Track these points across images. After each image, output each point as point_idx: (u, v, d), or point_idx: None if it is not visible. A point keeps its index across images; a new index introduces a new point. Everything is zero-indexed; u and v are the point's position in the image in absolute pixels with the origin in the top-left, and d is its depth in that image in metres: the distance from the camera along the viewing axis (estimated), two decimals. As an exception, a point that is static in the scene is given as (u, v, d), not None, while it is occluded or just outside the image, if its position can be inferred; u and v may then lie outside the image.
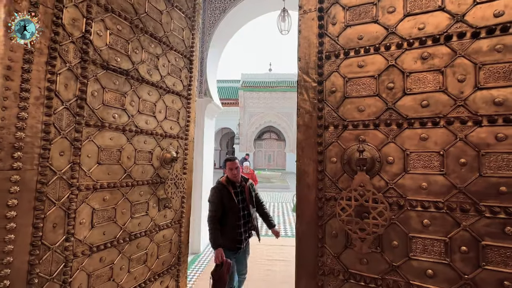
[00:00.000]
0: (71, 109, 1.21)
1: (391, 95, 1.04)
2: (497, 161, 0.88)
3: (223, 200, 2.32)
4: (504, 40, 0.89)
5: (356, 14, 1.12)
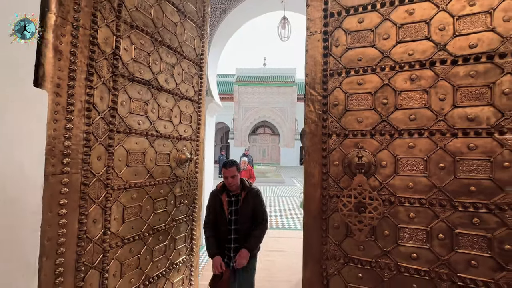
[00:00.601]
0: (105, 118, 1.37)
1: (385, 109, 1.23)
2: (469, 166, 1.09)
3: (215, 208, 2.02)
4: (477, 68, 1.09)
5: (356, 38, 1.30)
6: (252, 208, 1.99)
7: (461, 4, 1.12)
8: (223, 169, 1.96)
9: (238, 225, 1.96)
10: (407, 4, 1.21)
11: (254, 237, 1.96)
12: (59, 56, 1.13)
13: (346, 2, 1.32)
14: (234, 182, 1.95)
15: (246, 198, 2.00)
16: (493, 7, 1.07)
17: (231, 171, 1.94)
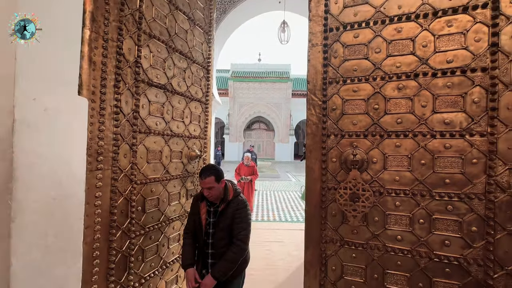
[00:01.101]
0: (130, 120, 1.53)
1: (376, 114, 1.43)
2: (445, 162, 1.30)
3: (194, 215, 1.75)
4: (452, 80, 1.29)
5: (352, 51, 1.49)
6: (230, 223, 1.66)
7: (440, 25, 1.32)
8: (199, 179, 1.67)
9: (214, 240, 1.67)
10: (396, 23, 1.40)
11: (224, 261, 1.60)
12: (93, 66, 1.29)
13: (343, 18, 1.51)
14: (211, 194, 1.64)
15: (225, 211, 1.68)
16: (466, 28, 1.27)
17: (207, 183, 1.61)
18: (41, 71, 0.97)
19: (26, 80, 0.90)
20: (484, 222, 1.23)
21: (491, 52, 1.23)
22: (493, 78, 1.22)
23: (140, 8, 1.57)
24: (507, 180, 1.20)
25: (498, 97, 1.21)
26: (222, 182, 1.69)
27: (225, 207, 1.69)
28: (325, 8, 1.54)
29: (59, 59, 1.07)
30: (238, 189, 1.79)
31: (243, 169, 5.94)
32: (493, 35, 1.22)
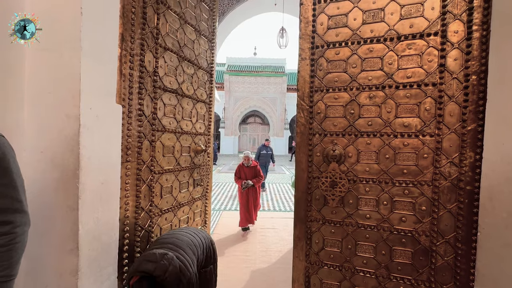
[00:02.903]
0: (150, 121, 1.84)
1: (352, 117, 1.77)
2: (403, 157, 1.66)
3: None
4: (411, 91, 1.63)
5: (334, 66, 1.81)
6: None
7: (403, 47, 1.65)
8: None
9: None
10: (369, 44, 1.72)
11: None
12: (123, 78, 1.59)
13: (327, 38, 1.82)
14: None
15: None
16: (422, 51, 1.61)
17: None
18: (93, 86, 1.26)
19: (85, 94, 1.19)
20: (431, 203, 1.60)
21: (440, 71, 1.57)
22: (440, 91, 1.57)
23: (157, 25, 1.86)
24: (448, 170, 1.56)
25: (444, 106, 1.56)
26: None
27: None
28: (312, 29, 1.86)
29: (103, 75, 1.37)
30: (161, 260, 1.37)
31: (244, 172, 4.79)
32: (441, 57, 1.56)
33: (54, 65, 1.18)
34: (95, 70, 1.28)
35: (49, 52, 1.18)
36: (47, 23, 1.17)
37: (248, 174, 4.79)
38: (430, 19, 1.59)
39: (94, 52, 1.27)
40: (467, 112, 1.51)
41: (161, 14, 1.89)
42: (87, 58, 1.20)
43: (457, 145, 1.54)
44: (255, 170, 4.84)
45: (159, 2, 1.87)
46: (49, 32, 1.17)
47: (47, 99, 1.17)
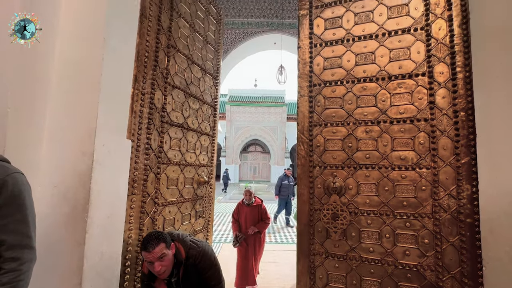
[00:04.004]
0: (156, 154, 1.91)
1: (350, 150, 1.85)
2: (402, 189, 1.70)
3: None
4: (404, 126, 1.73)
5: (331, 102, 1.94)
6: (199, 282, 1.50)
7: (394, 86, 1.78)
8: (144, 253, 1.35)
9: None
10: (362, 83, 1.86)
11: None
12: (134, 115, 1.70)
13: (324, 77, 1.98)
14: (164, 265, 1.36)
15: (187, 274, 1.48)
16: (412, 90, 1.73)
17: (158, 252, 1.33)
18: (107, 124, 1.36)
19: (100, 132, 1.28)
20: (433, 236, 1.60)
21: (430, 107, 1.68)
22: (432, 126, 1.66)
23: (167, 66, 2.03)
24: (447, 203, 1.59)
25: (437, 140, 1.64)
26: (173, 246, 1.46)
27: (185, 270, 1.47)
28: (310, 69, 2.02)
29: (116, 113, 1.48)
30: (187, 241, 1.55)
31: (244, 213, 3.51)
32: (430, 95, 1.69)
33: (74, 105, 1.29)
34: (110, 109, 1.39)
35: (71, 93, 1.30)
36: (72, 67, 1.31)
37: (249, 217, 3.47)
38: (417, 61, 1.74)
39: (110, 92, 1.39)
40: (460, 146, 1.59)
41: (171, 56, 2.07)
42: (104, 98, 1.31)
43: (453, 177, 1.59)
44: (259, 210, 3.52)
45: (169, 46, 2.06)
46: (73, 75, 1.30)
47: (65, 137, 1.26)
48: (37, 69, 1.25)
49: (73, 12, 1.34)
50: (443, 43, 1.68)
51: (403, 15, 1.80)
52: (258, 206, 3.56)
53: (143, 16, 1.77)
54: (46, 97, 1.32)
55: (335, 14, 1.99)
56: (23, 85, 1.22)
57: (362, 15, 1.91)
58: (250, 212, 3.50)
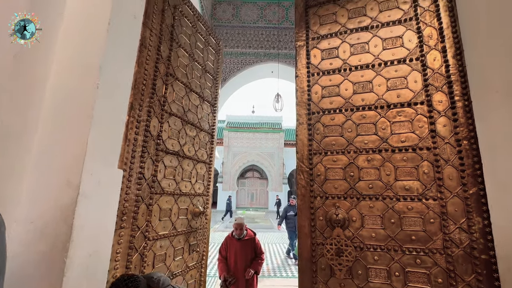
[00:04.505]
0: (149, 183, 1.82)
1: (352, 180, 1.78)
2: (409, 222, 1.60)
3: None
4: (407, 155, 1.68)
5: (330, 130, 1.91)
6: None
7: (393, 114, 1.77)
8: None
9: None
10: (361, 111, 1.85)
11: None
12: (128, 143, 1.63)
13: (322, 105, 1.97)
14: None
15: None
16: (412, 118, 1.72)
17: None
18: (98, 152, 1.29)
19: (89, 161, 1.21)
20: (446, 274, 1.48)
21: (431, 136, 1.65)
22: (435, 155, 1.61)
23: (165, 94, 2.02)
24: (458, 237, 1.49)
25: (442, 170, 1.59)
26: None
27: None
28: (308, 97, 2.02)
29: (109, 141, 1.41)
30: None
31: (234, 248, 3.05)
32: (431, 124, 1.66)
33: (64, 132, 1.23)
34: (102, 137, 1.33)
35: (62, 120, 1.24)
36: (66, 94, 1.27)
37: (240, 253, 2.98)
38: (414, 90, 1.74)
39: (103, 120, 1.34)
40: (466, 176, 1.52)
41: (169, 84, 2.07)
42: (96, 126, 1.26)
43: (462, 209, 1.51)
44: (252, 245, 3.01)
45: (168, 74, 2.06)
46: (66, 102, 1.26)
47: (51, 165, 1.18)
48: (30, 94, 1.20)
49: (71, 40, 1.34)
50: (439, 73, 1.70)
51: (398, 46, 1.85)
52: (251, 240, 3.08)
53: (142, 45, 1.79)
54: (37, 124, 1.27)
55: (331, 45, 2.04)
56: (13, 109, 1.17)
57: (358, 46, 1.95)
58: (241, 248, 3.00)
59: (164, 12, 2.05)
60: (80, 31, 1.33)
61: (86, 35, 1.32)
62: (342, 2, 2.07)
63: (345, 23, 2.03)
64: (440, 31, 1.74)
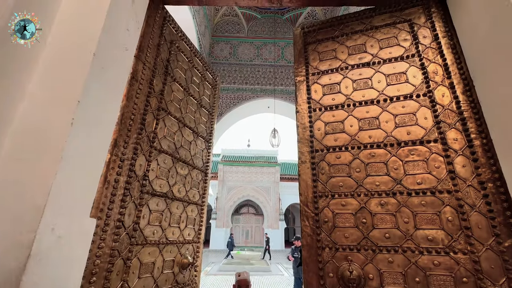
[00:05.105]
0: (129, 233, 1.55)
1: (365, 228, 1.55)
2: (438, 281, 1.34)
3: None
4: (425, 199, 1.49)
5: (337, 170, 1.73)
6: None
7: (405, 153, 1.61)
8: None
9: None
10: (369, 149, 1.70)
11: None
12: (107, 185, 1.41)
13: (326, 143, 1.82)
14: None
15: None
16: (426, 157, 1.56)
17: None
18: (64, 199, 1.07)
19: (49, 210, 0.98)
20: None
21: (451, 177, 1.47)
22: (458, 199, 1.42)
23: (155, 130, 1.85)
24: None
25: (468, 217, 1.38)
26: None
27: None
28: (310, 134, 1.88)
29: (81, 184, 1.20)
30: None
31: None
32: (448, 164, 1.50)
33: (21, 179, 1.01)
34: (72, 182, 1.11)
35: (23, 161, 1.04)
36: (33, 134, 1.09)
37: None
38: (425, 127, 1.62)
39: (76, 162, 1.14)
40: (497, 225, 1.32)
41: (161, 119, 1.92)
42: (65, 169, 1.05)
43: (499, 266, 1.27)
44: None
45: (160, 108, 1.93)
46: (32, 143, 1.07)
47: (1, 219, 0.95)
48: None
49: (50, 71, 1.20)
50: (450, 109, 1.60)
51: (403, 82, 1.77)
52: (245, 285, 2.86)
53: (133, 79, 1.68)
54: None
55: (333, 80, 1.97)
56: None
57: (361, 81, 1.88)
58: None
59: (159, 46, 1.99)
60: (61, 61, 1.20)
61: (67, 66, 1.19)
62: (341, 40, 2.06)
63: (346, 59, 1.98)
64: (445, 67, 1.68)
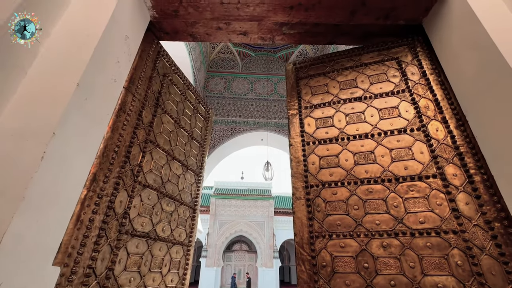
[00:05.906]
0: (100, 282, 1.35)
1: (368, 274, 1.39)
2: None
3: None
4: (430, 240, 1.37)
5: (333, 207, 1.62)
6: None
7: (404, 189, 1.53)
8: None
9: None
10: (366, 184, 1.61)
11: None
12: (78, 226, 1.26)
13: (321, 177, 1.73)
14: None
15: None
16: (426, 194, 1.48)
17: None
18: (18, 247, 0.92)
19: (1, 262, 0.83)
20: None
21: (455, 216, 1.38)
22: (465, 241, 1.31)
23: (141, 163, 1.74)
24: None
25: (479, 262, 1.26)
26: None
27: None
28: (304, 168, 1.80)
29: (45, 228, 1.05)
30: None
31: None
32: (450, 201, 1.42)
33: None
34: (36, 221, 0.97)
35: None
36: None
37: None
38: (422, 162, 1.57)
39: (44, 199, 1.01)
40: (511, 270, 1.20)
41: (148, 152, 1.83)
42: (27, 210, 0.92)
43: (521, 320, 1.12)
44: None
45: (148, 141, 1.84)
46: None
47: None
48: None
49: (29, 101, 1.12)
50: (446, 144, 1.56)
51: (395, 116, 1.76)
52: None
53: (121, 110, 1.62)
54: None
55: (325, 114, 1.96)
56: None
57: (353, 115, 1.87)
58: None
59: (152, 79, 1.98)
60: (40, 90, 1.13)
61: (45, 96, 1.12)
62: (332, 75, 2.10)
63: (338, 93, 2.00)
64: (436, 102, 1.69)
